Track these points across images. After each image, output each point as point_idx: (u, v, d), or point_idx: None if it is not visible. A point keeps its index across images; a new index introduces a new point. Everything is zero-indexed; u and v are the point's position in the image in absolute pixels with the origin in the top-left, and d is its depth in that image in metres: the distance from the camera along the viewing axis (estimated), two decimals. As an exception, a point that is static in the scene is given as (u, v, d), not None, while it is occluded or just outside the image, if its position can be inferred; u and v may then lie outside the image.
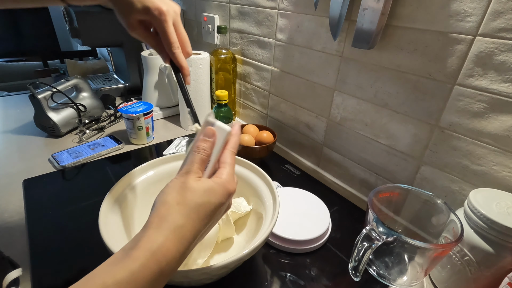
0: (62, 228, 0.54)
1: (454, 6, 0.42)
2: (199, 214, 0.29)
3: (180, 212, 0.28)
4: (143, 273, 0.25)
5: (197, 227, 0.29)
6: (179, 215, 0.28)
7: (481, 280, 0.41)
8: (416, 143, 0.52)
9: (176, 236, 0.27)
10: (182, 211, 0.28)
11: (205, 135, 0.33)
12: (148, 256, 0.25)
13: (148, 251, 0.26)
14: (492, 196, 0.41)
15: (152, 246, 0.26)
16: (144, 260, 0.25)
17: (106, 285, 0.23)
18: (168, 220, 0.28)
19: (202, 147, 0.32)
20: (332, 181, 0.71)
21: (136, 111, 0.78)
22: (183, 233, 0.28)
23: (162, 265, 0.26)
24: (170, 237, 0.27)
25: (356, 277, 0.42)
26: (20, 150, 0.77)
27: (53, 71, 1.34)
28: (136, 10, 0.37)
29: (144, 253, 0.26)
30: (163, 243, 0.26)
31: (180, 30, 0.40)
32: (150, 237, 0.27)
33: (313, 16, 0.63)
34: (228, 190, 0.31)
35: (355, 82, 0.59)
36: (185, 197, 0.29)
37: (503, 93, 0.41)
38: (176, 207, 0.28)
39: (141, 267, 0.25)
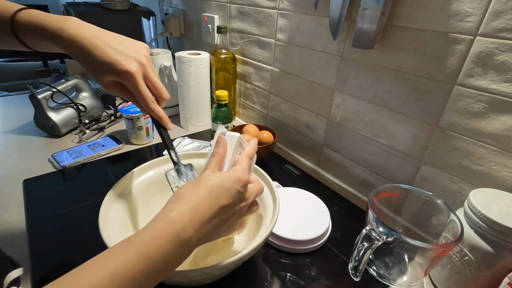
0: (62, 228, 0.54)
1: (454, 6, 0.42)
2: (211, 193, 0.32)
3: (193, 191, 0.32)
4: (162, 233, 0.28)
5: (209, 204, 0.31)
6: (192, 193, 0.31)
7: (481, 280, 0.41)
8: (416, 143, 0.52)
9: (189, 206, 0.30)
10: (195, 190, 0.32)
11: (217, 143, 0.38)
12: (166, 220, 0.29)
13: (166, 216, 0.30)
14: (492, 196, 0.41)
15: (169, 212, 0.30)
16: (163, 223, 0.29)
17: (131, 242, 0.27)
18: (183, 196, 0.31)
19: (216, 151, 0.37)
20: (332, 181, 0.71)
21: (136, 111, 0.78)
22: (196, 205, 0.31)
23: (178, 227, 0.29)
24: (184, 207, 0.30)
25: (356, 277, 0.42)
26: (20, 150, 0.77)
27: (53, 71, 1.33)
28: (106, 73, 0.38)
29: (163, 218, 0.30)
30: (178, 210, 0.30)
31: (152, 80, 0.41)
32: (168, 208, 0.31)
33: (313, 16, 0.63)
34: (239, 177, 0.33)
35: (355, 82, 0.59)
36: (199, 181, 0.33)
37: (503, 93, 0.41)
38: (191, 188, 0.32)
39: (160, 228, 0.29)
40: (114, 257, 0.26)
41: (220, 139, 0.38)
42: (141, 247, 0.27)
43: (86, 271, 0.25)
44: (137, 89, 0.39)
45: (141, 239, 0.28)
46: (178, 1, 1.15)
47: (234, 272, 0.44)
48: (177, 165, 0.45)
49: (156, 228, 0.29)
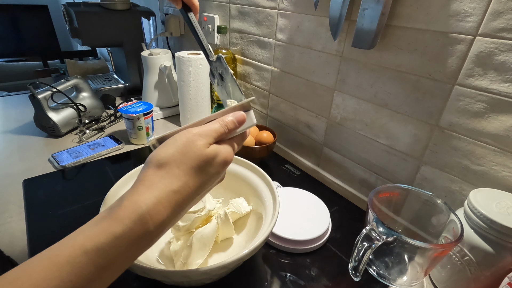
0: (62, 228, 0.54)
1: (454, 6, 0.42)
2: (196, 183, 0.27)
3: (178, 176, 0.26)
4: (127, 237, 0.23)
5: (191, 194, 0.27)
6: (176, 179, 0.26)
7: (481, 280, 0.40)
8: (416, 143, 0.52)
9: (169, 200, 0.25)
10: (181, 176, 0.26)
11: (236, 118, 0.31)
12: (135, 219, 0.23)
13: (135, 213, 0.24)
14: (492, 196, 0.41)
15: (141, 207, 0.24)
16: (130, 223, 0.23)
17: (86, 250, 0.22)
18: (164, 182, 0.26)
19: (228, 125, 0.30)
20: (332, 181, 0.71)
21: (136, 111, 0.78)
22: (177, 199, 0.26)
23: (150, 229, 0.24)
24: (162, 200, 0.25)
25: (356, 277, 0.42)
26: (20, 150, 0.77)
27: (53, 71, 1.34)
28: None
29: (130, 214, 0.23)
30: (153, 206, 0.24)
31: None
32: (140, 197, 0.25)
33: (313, 16, 0.63)
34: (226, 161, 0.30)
35: (355, 82, 0.59)
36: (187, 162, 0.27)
37: (503, 93, 0.41)
38: (176, 170, 0.26)
39: (126, 231, 0.23)
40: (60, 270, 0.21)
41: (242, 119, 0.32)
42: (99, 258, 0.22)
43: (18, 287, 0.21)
44: None
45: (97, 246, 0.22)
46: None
47: (234, 272, 0.44)
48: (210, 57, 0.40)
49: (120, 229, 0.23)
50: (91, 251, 0.22)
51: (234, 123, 0.31)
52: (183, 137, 0.28)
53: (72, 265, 0.21)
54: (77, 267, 0.21)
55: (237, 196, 0.54)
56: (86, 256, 0.22)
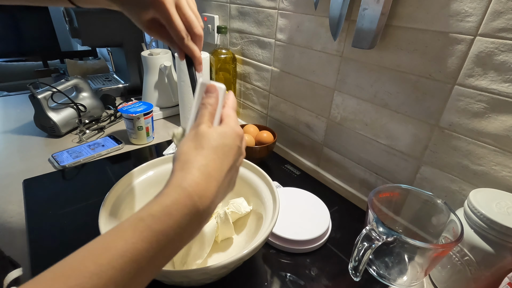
0: (62, 228, 0.54)
1: (454, 6, 0.42)
2: (218, 155, 0.29)
3: (199, 154, 0.29)
4: (177, 207, 0.25)
5: (219, 166, 0.29)
6: (199, 156, 0.29)
7: (481, 280, 0.41)
8: (416, 143, 0.52)
9: (202, 172, 0.28)
10: (201, 152, 0.29)
11: (207, 92, 0.34)
12: (179, 191, 0.26)
13: (179, 187, 0.26)
14: (492, 196, 0.41)
15: (181, 182, 0.27)
16: (176, 195, 0.26)
17: (142, 218, 0.24)
18: (191, 162, 0.28)
19: (208, 102, 0.33)
20: (332, 181, 0.71)
21: (136, 111, 0.78)
22: (209, 171, 0.28)
23: (195, 199, 0.26)
24: (196, 174, 0.27)
25: (356, 277, 0.42)
26: (20, 150, 0.77)
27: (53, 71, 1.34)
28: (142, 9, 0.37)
29: (174, 189, 0.26)
30: (192, 179, 0.27)
31: (184, 10, 0.37)
32: (177, 176, 0.27)
33: (313, 16, 0.63)
34: (237, 132, 0.32)
35: (355, 82, 0.59)
36: (201, 142, 0.30)
37: (503, 93, 0.41)
38: (195, 151, 0.29)
39: (174, 201, 0.25)
40: (123, 235, 0.23)
41: (212, 88, 0.34)
42: (154, 224, 0.24)
43: (92, 252, 0.23)
44: (168, 18, 0.36)
45: (152, 214, 0.25)
46: (178, 1, 1.15)
47: (234, 272, 0.44)
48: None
49: (169, 201, 0.25)
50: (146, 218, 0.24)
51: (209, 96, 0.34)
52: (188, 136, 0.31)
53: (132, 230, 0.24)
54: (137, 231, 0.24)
55: (237, 196, 0.54)
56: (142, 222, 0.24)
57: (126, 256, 0.22)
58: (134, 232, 0.23)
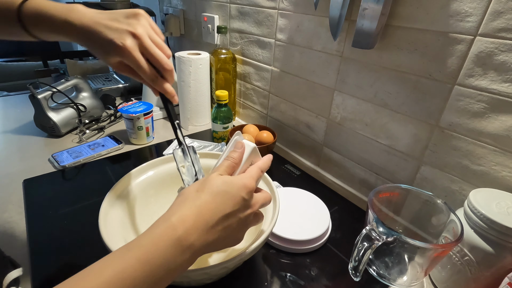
0: (62, 228, 0.54)
1: (454, 6, 0.42)
2: (215, 199, 0.31)
3: (197, 195, 0.31)
4: (162, 238, 0.27)
5: (213, 210, 0.30)
6: (197, 198, 0.31)
7: (481, 280, 0.41)
8: (416, 143, 0.52)
9: (192, 211, 0.29)
10: (200, 195, 0.31)
11: (235, 147, 0.37)
12: (167, 224, 0.28)
13: (167, 220, 0.29)
14: (492, 196, 0.41)
15: (171, 216, 0.29)
16: (163, 227, 0.28)
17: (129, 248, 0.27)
18: (187, 201, 0.30)
19: (231, 155, 0.36)
20: (332, 181, 0.71)
21: (136, 111, 0.78)
22: (200, 210, 0.30)
23: (179, 232, 0.28)
24: (186, 211, 0.29)
25: (356, 277, 0.42)
26: (20, 150, 0.77)
27: (53, 71, 1.33)
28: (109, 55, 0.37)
29: (163, 221, 0.29)
30: (180, 215, 0.29)
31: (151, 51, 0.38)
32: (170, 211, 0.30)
33: (313, 16, 0.63)
34: (245, 184, 0.33)
35: (355, 82, 0.59)
36: (204, 186, 0.32)
37: (503, 93, 0.41)
38: (195, 193, 0.31)
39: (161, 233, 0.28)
40: (112, 263, 0.25)
41: (240, 144, 0.37)
42: (140, 253, 0.26)
43: (83, 278, 0.24)
44: (136, 64, 0.37)
45: (140, 244, 0.27)
46: (178, 1, 1.15)
47: (234, 272, 0.44)
48: (182, 145, 0.44)
49: (157, 232, 0.28)
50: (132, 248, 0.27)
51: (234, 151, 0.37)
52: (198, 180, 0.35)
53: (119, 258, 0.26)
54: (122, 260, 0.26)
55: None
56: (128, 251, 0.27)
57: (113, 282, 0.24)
58: (121, 261, 0.25)
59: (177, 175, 0.54)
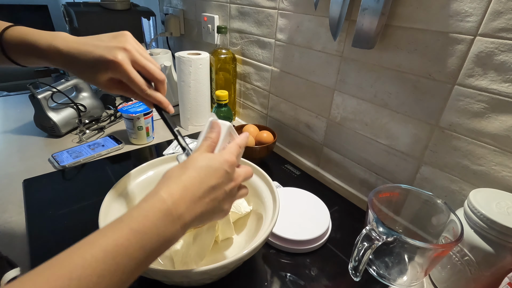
0: (62, 228, 0.54)
1: (454, 6, 0.42)
2: (199, 173, 0.32)
3: (182, 172, 0.32)
4: (153, 210, 0.28)
5: (198, 183, 0.32)
6: (182, 174, 0.32)
7: (481, 280, 0.41)
8: (416, 143, 0.52)
9: (178, 185, 0.31)
10: (184, 171, 0.32)
11: (211, 128, 0.39)
12: (156, 198, 0.29)
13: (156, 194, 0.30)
14: (492, 196, 0.41)
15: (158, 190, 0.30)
16: (152, 200, 0.29)
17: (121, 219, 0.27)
18: (172, 177, 0.32)
19: (209, 136, 0.38)
20: (332, 181, 0.71)
21: (136, 111, 0.78)
22: (185, 184, 0.31)
23: (168, 204, 0.29)
24: (173, 185, 0.31)
25: (356, 277, 0.42)
26: (20, 150, 0.77)
27: (53, 71, 1.33)
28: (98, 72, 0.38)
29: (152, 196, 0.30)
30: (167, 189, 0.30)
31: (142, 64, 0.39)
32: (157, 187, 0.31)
33: (313, 16, 0.63)
34: (226, 158, 0.34)
35: (355, 82, 0.59)
36: (187, 163, 0.33)
37: (503, 93, 0.41)
38: (179, 170, 0.33)
39: (150, 205, 0.29)
40: (105, 233, 0.26)
41: (215, 124, 0.39)
42: (132, 223, 0.27)
43: (77, 249, 0.25)
44: (128, 77, 0.38)
45: (131, 215, 0.28)
46: (178, 1, 1.16)
47: (234, 272, 0.44)
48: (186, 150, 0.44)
49: (146, 205, 0.29)
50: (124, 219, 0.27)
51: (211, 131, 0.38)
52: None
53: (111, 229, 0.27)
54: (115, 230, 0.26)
55: (237, 196, 0.54)
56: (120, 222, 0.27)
57: (107, 250, 0.25)
58: (114, 230, 0.26)
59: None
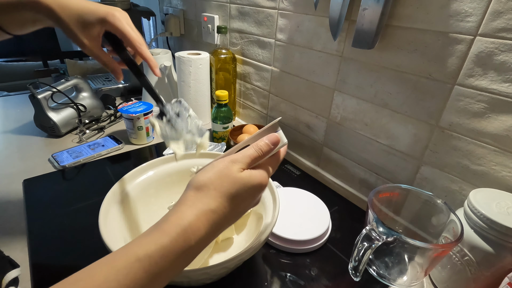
0: (62, 228, 0.54)
1: (454, 6, 0.42)
2: (231, 204, 0.30)
3: (215, 197, 0.29)
4: (173, 248, 0.26)
5: (227, 215, 0.30)
6: (213, 200, 0.29)
7: (481, 280, 0.40)
8: (416, 143, 0.52)
9: (207, 218, 0.28)
10: (218, 197, 0.29)
11: (270, 140, 0.33)
12: (179, 232, 0.26)
13: (179, 227, 0.27)
14: (492, 196, 0.41)
15: (183, 222, 0.27)
16: (175, 235, 0.26)
17: (139, 258, 0.24)
18: (203, 201, 0.28)
19: (262, 148, 0.32)
20: (332, 181, 0.71)
21: (136, 111, 0.78)
22: (214, 218, 0.28)
23: (192, 243, 0.27)
24: (201, 218, 0.28)
25: (356, 277, 0.42)
26: (20, 150, 0.77)
27: (53, 71, 1.33)
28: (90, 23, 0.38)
29: (175, 228, 0.26)
30: (194, 222, 0.27)
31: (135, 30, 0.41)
32: (183, 214, 0.28)
33: (313, 16, 0.63)
34: (261, 184, 0.31)
35: (355, 82, 0.59)
36: (223, 185, 0.29)
37: (503, 93, 0.41)
38: (213, 192, 0.29)
39: (172, 242, 0.26)
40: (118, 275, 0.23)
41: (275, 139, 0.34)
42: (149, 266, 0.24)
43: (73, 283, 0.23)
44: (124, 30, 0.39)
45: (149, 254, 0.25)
46: (178, 1, 1.16)
47: (234, 272, 0.44)
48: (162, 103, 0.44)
49: (167, 241, 0.26)
50: (143, 259, 0.25)
51: (268, 145, 0.33)
52: (220, 163, 0.31)
53: (128, 270, 0.24)
54: (132, 273, 0.24)
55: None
56: (139, 263, 0.24)
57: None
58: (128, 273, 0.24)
59: (177, 175, 0.55)
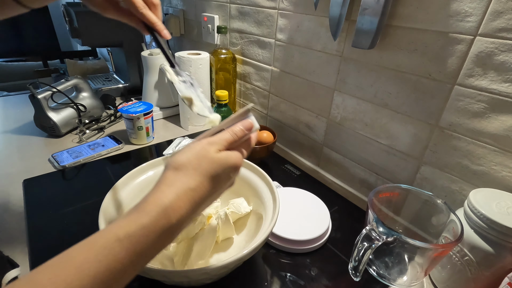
0: (62, 228, 0.54)
1: (454, 6, 0.42)
2: (210, 183, 0.30)
3: (194, 177, 0.29)
4: (154, 228, 0.26)
5: (206, 194, 0.30)
6: (192, 179, 0.29)
7: (481, 280, 0.41)
8: (416, 143, 0.52)
9: (187, 197, 0.28)
10: (196, 176, 0.30)
11: (244, 126, 0.34)
12: (159, 211, 0.27)
13: (160, 207, 0.27)
14: (492, 196, 0.41)
15: (163, 202, 0.27)
16: (155, 214, 0.26)
17: (119, 238, 0.25)
18: (182, 181, 0.29)
19: (237, 133, 0.34)
20: (332, 181, 0.71)
21: (136, 111, 0.78)
22: (194, 196, 0.29)
23: (173, 221, 0.27)
24: (182, 196, 0.28)
25: (356, 277, 0.42)
26: (20, 150, 0.77)
27: (53, 71, 1.33)
28: None
29: (155, 208, 0.27)
30: (175, 201, 0.27)
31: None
32: (163, 193, 0.28)
33: (313, 16, 0.63)
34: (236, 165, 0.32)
35: (355, 82, 0.59)
36: (201, 164, 0.30)
37: (503, 93, 0.41)
38: (192, 171, 0.30)
39: (152, 222, 0.26)
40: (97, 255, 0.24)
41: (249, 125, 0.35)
42: (130, 245, 0.25)
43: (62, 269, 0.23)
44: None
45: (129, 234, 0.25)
46: (178, 1, 1.16)
47: (234, 272, 0.44)
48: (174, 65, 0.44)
49: (147, 220, 0.26)
50: (123, 239, 0.25)
51: (242, 131, 0.34)
52: (197, 145, 0.32)
53: (108, 250, 0.24)
54: (112, 253, 0.24)
55: (237, 196, 0.54)
56: (119, 242, 0.25)
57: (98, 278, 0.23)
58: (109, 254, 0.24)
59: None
